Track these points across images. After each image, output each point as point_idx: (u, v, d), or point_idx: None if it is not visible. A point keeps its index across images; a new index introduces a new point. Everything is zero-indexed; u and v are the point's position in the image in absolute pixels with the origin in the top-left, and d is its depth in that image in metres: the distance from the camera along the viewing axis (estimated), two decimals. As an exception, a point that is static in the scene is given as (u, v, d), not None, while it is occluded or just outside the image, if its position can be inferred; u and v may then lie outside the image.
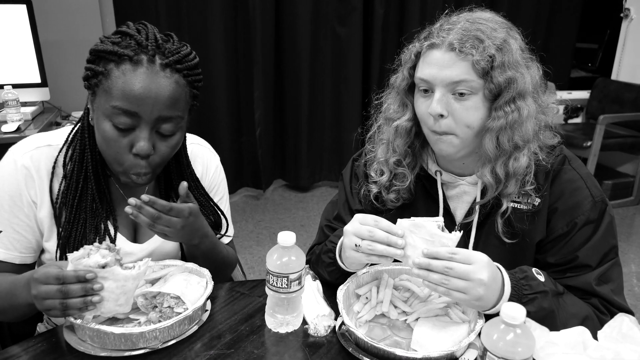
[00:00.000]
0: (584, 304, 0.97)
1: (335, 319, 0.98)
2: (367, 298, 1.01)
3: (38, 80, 2.55)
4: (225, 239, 1.26)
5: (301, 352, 0.91)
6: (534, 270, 0.93)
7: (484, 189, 1.02)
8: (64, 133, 1.06)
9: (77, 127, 1.04)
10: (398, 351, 0.83)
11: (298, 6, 3.58)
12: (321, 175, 4.13)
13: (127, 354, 0.88)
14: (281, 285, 0.92)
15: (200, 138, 1.25)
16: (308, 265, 1.16)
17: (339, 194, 1.22)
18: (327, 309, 1.00)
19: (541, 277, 0.93)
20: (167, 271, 1.04)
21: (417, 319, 0.96)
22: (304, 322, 0.98)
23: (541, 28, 4.28)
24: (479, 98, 0.95)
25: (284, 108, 3.91)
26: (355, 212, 1.05)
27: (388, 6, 3.79)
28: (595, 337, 0.87)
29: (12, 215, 1.02)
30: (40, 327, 1.19)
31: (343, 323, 0.92)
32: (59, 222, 1.03)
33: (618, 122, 3.85)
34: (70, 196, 1.02)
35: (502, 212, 1.00)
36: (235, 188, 3.89)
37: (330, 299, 1.02)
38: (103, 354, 0.87)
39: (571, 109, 4.22)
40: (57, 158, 1.03)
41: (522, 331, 0.74)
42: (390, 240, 0.90)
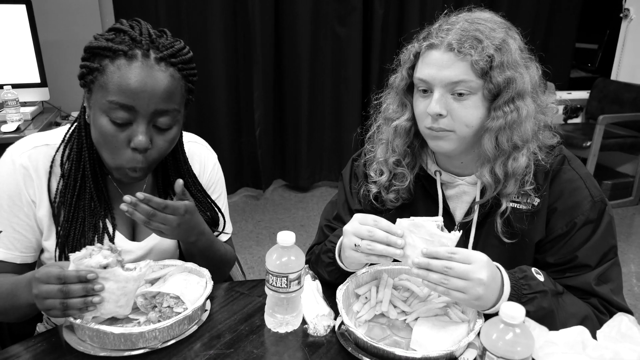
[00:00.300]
0: (583, 304, 0.97)
1: (335, 318, 0.98)
2: (366, 298, 1.01)
3: (38, 80, 2.55)
4: (223, 236, 1.26)
5: (301, 351, 0.91)
6: (533, 269, 0.93)
7: (483, 188, 1.02)
8: (62, 132, 1.06)
9: (74, 126, 1.04)
10: (397, 351, 0.83)
11: (298, 6, 3.58)
12: (321, 175, 4.13)
13: (127, 353, 0.88)
14: (281, 285, 0.92)
15: (197, 136, 1.25)
16: (307, 265, 1.16)
17: (339, 194, 1.22)
18: (326, 309, 1.00)
19: (540, 276, 0.93)
20: (167, 271, 1.04)
21: (416, 319, 0.96)
22: (304, 321, 0.98)
23: (541, 28, 4.28)
24: (478, 98, 0.95)
25: (284, 108, 3.91)
26: (355, 212, 1.05)
27: (388, 6, 3.80)
28: (595, 337, 0.87)
29: (11, 215, 1.02)
30: (39, 327, 1.19)
31: (342, 323, 0.92)
32: (57, 221, 1.03)
33: (617, 122, 3.84)
34: (68, 195, 1.02)
35: (501, 212, 1.00)
36: (235, 188, 3.89)
37: (330, 299, 1.02)
38: (103, 353, 0.87)
39: (571, 109, 4.22)
40: (54, 157, 1.03)
41: (521, 331, 0.74)
42: (390, 240, 0.90)
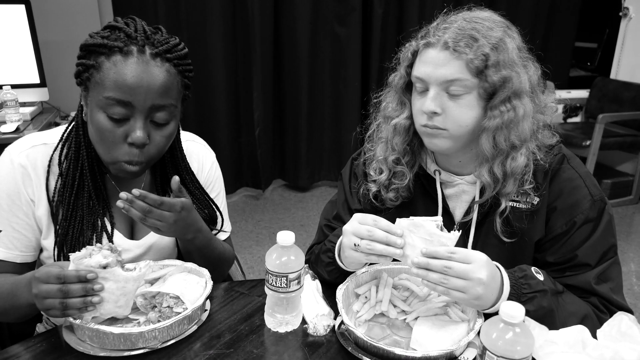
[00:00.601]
0: (583, 303, 0.97)
1: (335, 318, 0.98)
2: (366, 297, 1.01)
3: (37, 81, 2.55)
4: (222, 235, 1.26)
5: (300, 351, 0.91)
6: (533, 269, 0.93)
7: (482, 188, 1.02)
8: (60, 131, 1.06)
9: (72, 125, 1.04)
10: (397, 350, 0.83)
11: (297, 6, 3.58)
12: (320, 175, 4.12)
13: (127, 353, 0.88)
14: (280, 284, 0.92)
15: (195, 135, 1.25)
16: (307, 264, 1.16)
17: (338, 193, 1.22)
18: (326, 309, 1.00)
19: (540, 276, 0.93)
20: (166, 271, 1.04)
21: (416, 318, 0.96)
22: (304, 321, 0.98)
23: (540, 27, 4.27)
24: (474, 97, 0.95)
25: (284, 108, 3.91)
26: (355, 212, 1.05)
27: (387, 6, 3.79)
28: (595, 336, 0.87)
29: (11, 214, 1.02)
30: (39, 328, 1.19)
31: (342, 322, 0.92)
32: (56, 220, 1.03)
33: (617, 121, 3.84)
34: (66, 194, 1.02)
35: (500, 211, 1.00)
36: (235, 188, 3.89)
37: (330, 299, 1.02)
38: (102, 354, 0.87)
39: (570, 108, 4.22)
40: (52, 156, 1.04)
41: (521, 330, 0.74)
42: (390, 239, 0.90)
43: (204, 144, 1.26)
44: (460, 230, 0.92)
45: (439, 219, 0.91)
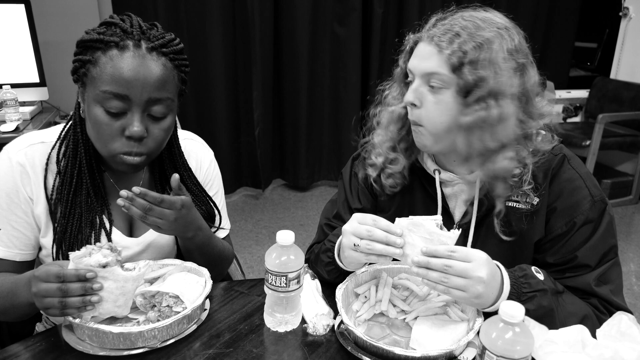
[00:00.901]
0: (583, 303, 0.97)
1: (334, 317, 0.98)
2: (365, 297, 1.01)
3: (37, 80, 2.55)
4: (221, 233, 1.26)
5: (300, 351, 0.91)
6: (533, 268, 0.93)
7: (482, 187, 1.02)
8: (57, 130, 1.06)
9: (69, 124, 1.04)
10: (397, 350, 0.83)
11: (297, 6, 3.58)
12: (320, 175, 4.13)
13: (126, 353, 0.88)
14: (280, 284, 0.92)
15: (193, 134, 1.26)
16: (307, 264, 1.16)
17: (339, 192, 1.22)
18: (326, 308, 1.00)
19: (540, 275, 0.93)
20: (166, 270, 1.04)
21: (416, 318, 0.96)
22: (303, 321, 0.98)
23: (540, 27, 4.28)
24: (451, 93, 0.94)
25: (283, 108, 3.91)
26: (355, 211, 1.05)
27: (387, 6, 3.79)
28: (594, 336, 0.87)
29: (9, 212, 1.02)
30: (39, 327, 1.19)
31: (342, 322, 0.92)
32: (54, 218, 1.03)
33: (617, 121, 3.84)
34: (65, 191, 1.02)
35: (496, 212, 1.00)
36: (235, 188, 3.89)
37: (329, 298, 1.02)
38: (102, 353, 0.87)
39: (569, 111, 4.22)
40: (50, 154, 1.04)
41: (521, 330, 0.74)
42: (389, 239, 0.90)
43: (202, 142, 1.26)
44: (460, 229, 0.92)
45: (438, 217, 0.91)
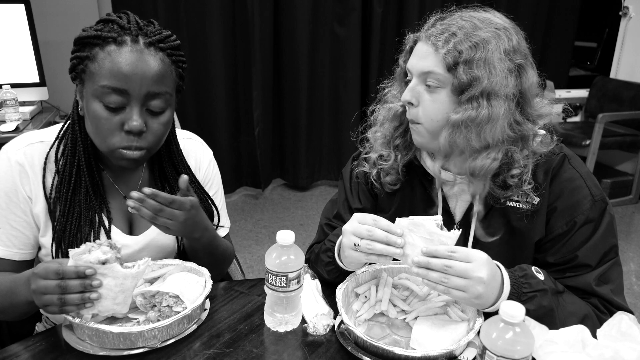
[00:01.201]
0: (583, 303, 0.97)
1: (334, 317, 0.98)
2: (366, 297, 1.01)
3: (36, 80, 2.55)
4: (221, 232, 1.26)
5: (300, 351, 0.91)
6: (533, 268, 0.93)
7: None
8: (56, 129, 1.06)
9: (68, 123, 1.04)
10: (397, 350, 0.83)
11: (297, 6, 3.58)
12: (320, 175, 4.13)
13: (126, 353, 0.88)
14: (280, 284, 0.92)
15: (192, 133, 1.26)
16: (307, 264, 1.16)
17: (339, 192, 1.22)
18: (326, 308, 0.99)
19: (541, 275, 0.93)
20: (166, 270, 1.04)
21: (416, 318, 0.96)
22: (303, 321, 0.98)
23: (540, 26, 4.28)
24: (446, 92, 0.95)
25: (283, 107, 3.91)
26: (355, 211, 1.05)
27: (387, 6, 3.79)
28: (595, 336, 0.87)
29: (9, 212, 1.02)
30: (38, 327, 1.19)
31: (342, 322, 0.92)
32: (53, 217, 1.03)
33: (617, 121, 3.84)
34: (63, 190, 1.02)
35: (474, 212, 1.01)
36: (234, 187, 3.89)
37: (329, 298, 1.02)
38: (102, 353, 0.87)
39: (568, 112, 4.22)
40: (48, 153, 1.04)
41: (521, 330, 0.74)
42: (390, 239, 0.90)
43: (201, 141, 1.26)
44: (461, 229, 0.92)
45: (439, 218, 0.91)
